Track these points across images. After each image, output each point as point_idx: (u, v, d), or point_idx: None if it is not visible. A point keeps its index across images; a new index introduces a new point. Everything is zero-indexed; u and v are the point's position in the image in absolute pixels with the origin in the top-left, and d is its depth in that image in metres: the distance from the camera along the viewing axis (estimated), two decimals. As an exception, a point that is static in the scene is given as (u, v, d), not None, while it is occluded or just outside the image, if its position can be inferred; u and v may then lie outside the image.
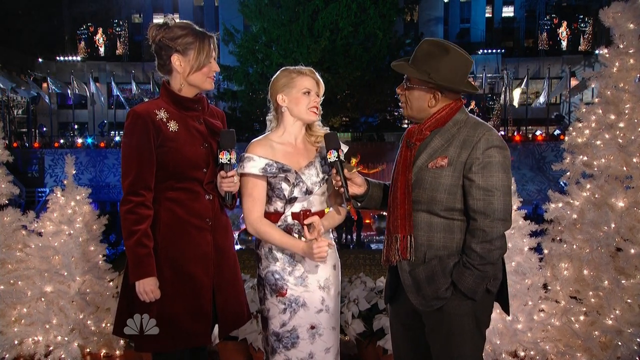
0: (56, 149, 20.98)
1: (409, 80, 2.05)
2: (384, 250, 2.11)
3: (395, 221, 2.03)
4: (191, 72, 2.15)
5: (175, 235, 2.14)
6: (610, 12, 3.05)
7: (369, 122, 23.16)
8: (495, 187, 1.91)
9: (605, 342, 2.91)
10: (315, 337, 2.20)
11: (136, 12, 32.93)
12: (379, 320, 3.30)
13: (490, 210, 1.91)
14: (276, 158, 2.17)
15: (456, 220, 1.99)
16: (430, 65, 1.98)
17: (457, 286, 1.95)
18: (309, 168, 2.20)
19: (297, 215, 2.20)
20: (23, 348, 3.26)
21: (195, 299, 2.16)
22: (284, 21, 20.36)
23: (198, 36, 2.16)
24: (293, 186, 2.17)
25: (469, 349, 2.01)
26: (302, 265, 2.21)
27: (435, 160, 1.97)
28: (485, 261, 1.93)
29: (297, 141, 2.26)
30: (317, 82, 2.24)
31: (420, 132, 2.04)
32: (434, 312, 2.01)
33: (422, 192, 1.99)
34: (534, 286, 3.15)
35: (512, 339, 3.09)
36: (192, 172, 2.15)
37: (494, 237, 1.92)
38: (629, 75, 3.03)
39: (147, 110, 2.13)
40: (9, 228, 3.36)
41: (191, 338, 2.16)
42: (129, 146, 2.11)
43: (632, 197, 2.95)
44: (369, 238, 16.27)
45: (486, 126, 1.99)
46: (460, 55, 2.00)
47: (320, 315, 2.22)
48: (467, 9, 31.82)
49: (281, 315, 2.20)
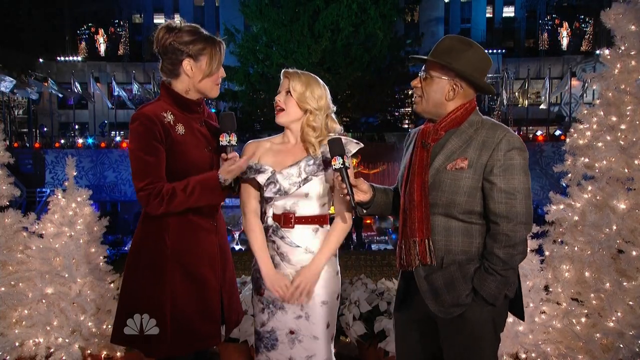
0: (57, 149, 20.98)
1: (427, 70, 1.99)
2: (401, 254, 2.03)
3: (412, 224, 1.97)
4: (203, 79, 2.13)
5: (185, 237, 2.13)
6: (612, 13, 3.04)
7: (370, 122, 23.16)
8: (517, 190, 1.88)
9: (606, 345, 2.90)
10: (295, 343, 2.17)
11: (137, 13, 32.94)
12: (380, 322, 3.29)
13: (513, 214, 1.87)
14: (262, 158, 2.19)
15: (475, 224, 1.94)
16: (451, 56, 1.94)
17: (479, 292, 1.90)
18: (290, 168, 2.15)
19: (277, 217, 2.18)
20: (24, 350, 3.25)
21: (205, 301, 2.16)
22: (284, 21, 20.36)
23: (209, 42, 2.13)
24: (265, 186, 2.15)
25: (488, 354, 1.98)
26: (280, 269, 2.18)
27: (455, 162, 1.92)
28: (508, 266, 1.89)
29: (295, 141, 2.23)
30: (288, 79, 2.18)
31: (436, 132, 1.98)
32: (454, 319, 1.95)
33: (441, 195, 1.93)
34: (535, 288, 3.15)
35: (514, 341, 3.08)
36: (198, 173, 2.13)
37: (517, 242, 1.88)
38: (631, 77, 3.02)
39: (155, 112, 2.09)
40: (10, 230, 3.35)
41: (204, 340, 2.16)
42: (141, 147, 2.04)
43: (633, 199, 2.94)
44: (370, 238, 16.24)
45: (504, 127, 1.95)
46: (483, 52, 1.98)
47: (299, 322, 2.17)
48: (468, 9, 31.81)
49: (261, 314, 2.22)
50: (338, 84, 19.46)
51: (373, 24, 20.26)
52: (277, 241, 2.18)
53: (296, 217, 2.15)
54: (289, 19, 20.32)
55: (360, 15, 20.25)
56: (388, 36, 20.78)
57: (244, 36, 21.02)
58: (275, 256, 2.19)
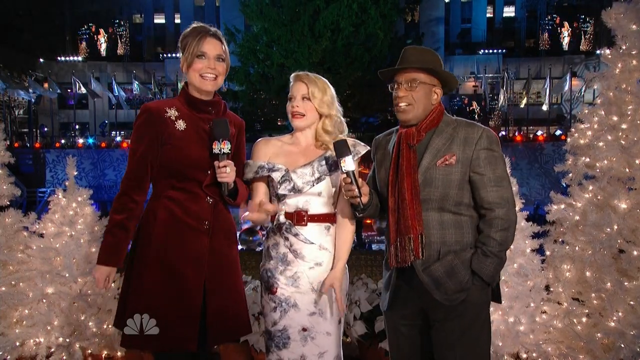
0: (57, 149, 21.00)
1: (413, 79, 2.11)
2: (395, 252, 2.10)
3: (406, 222, 2.06)
4: (187, 71, 2.18)
5: (169, 234, 2.13)
6: (613, 13, 3.04)
7: (370, 122, 23.14)
8: (503, 178, 2.08)
9: (607, 344, 2.90)
10: (308, 340, 2.18)
11: (137, 13, 32.95)
12: (380, 322, 3.29)
13: (504, 200, 2.06)
14: (274, 158, 2.23)
15: (464, 216, 2.09)
16: (426, 60, 2.11)
17: (479, 275, 2.04)
18: (304, 167, 2.20)
19: (290, 215, 2.21)
20: (24, 349, 3.25)
21: (182, 301, 2.12)
22: (285, 21, 20.34)
23: (192, 33, 2.18)
24: (279, 183, 2.19)
25: (485, 335, 2.12)
26: (294, 266, 2.20)
27: (444, 158, 2.07)
28: (503, 247, 2.06)
29: (307, 142, 2.28)
30: (305, 84, 2.22)
31: (419, 133, 2.13)
32: (455, 305, 2.05)
33: (434, 190, 2.06)
34: (536, 288, 3.15)
35: (514, 341, 3.08)
36: (194, 173, 2.15)
37: (511, 225, 2.07)
38: (632, 76, 3.02)
39: (157, 106, 2.17)
40: (10, 229, 3.35)
41: (174, 340, 2.10)
42: (134, 138, 2.17)
43: (634, 199, 2.94)
44: (370, 238, 16.23)
45: (480, 125, 2.15)
46: (436, 54, 2.19)
47: (312, 319, 2.19)
48: (468, 9, 31.80)
49: (272, 313, 2.21)
50: (338, 84, 19.42)
51: (373, 24, 20.24)
52: (290, 238, 2.21)
53: (309, 215, 2.20)
54: (289, 18, 20.30)
55: (360, 15, 20.23)
56: (388, 36, 20.77)
57: (245, 36, 21.00)
58: (288, 253, 2.21)
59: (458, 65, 27.79)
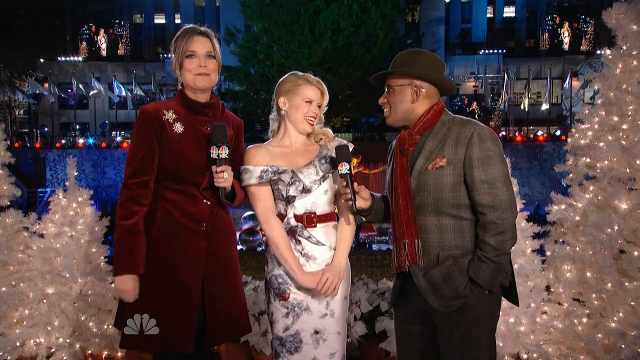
0: (58, 149, 21.00)
1: (389, 85, 2.12)
2: (393, 257, 2.12)
3: (400, 227, 2.05)
4: (179, 72, 2.19)
5: (167, 236, 2.13)
6: (613, 13, 3.04)
7: (370, 122, 23.13)
8: (498, 179, 1.97)
9: (608, 345, 2.90)
10: (320, 342, 2.19)
11: (137, 13, 32.93)
12: (381, 322, 3.29)
13: (497, 203, 1.96)
14: (273, 161, 2.18)
15: (464, 220, 2.02)
16: (406, 65, 2.09)
17: (475, 281, 1.98)
18: (308, 167, 2.20)
19: (300, 218, 2.20)
20: (25, 350, 3.25)
21: (179, 303, 2.11)
22: (285, 21, 20.35)
23: (182, 35, 2.19)
24: (289, 185, 2.17)
25: (486, 342, 2.05)
26: (306, 269, 2.19)
27: (434, 162, 2.01)
28: (500, 252, 1.97)
29: (297, 143, 2.27)
30: (322, 94, 2.26)
31: (411, 136, 2.10)
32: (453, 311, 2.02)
33: (427, 195, 2.02)
34: (536, 288, 3.15)
35: (515, 341, 3.08)
36: (191, 175, 2.14)
37: (506, 228, 1.97)
38: (632, 76, 3.02)
39: (155, 109, 2.16)
40: (10, 230, 3.35)
41: (170, 342, 2.10)
42: (134, 140, 2.16)
43: (635, 199, 2.94)
44: (370, 238, 16.23)
45: (474, 122, 2.07)
46: (432, 55, 2.13)
47: (324, 320, 2.20)
48: (469, 9, 31.78)
49: (284, 319, 2.19)
50: (339, 84, 19.46)
51: (374, 24, 20.25)
52: (302, 241, 2.19)
53: (317, 216, 2.21)
54: (289, 18, 20.31)
55: (360, 15, 20.24)
56: (389, 36, 20.78)
57: (245, 36, 21.01)
58: (299, 257, 2.20)
59: (458, 66, 27.79)
